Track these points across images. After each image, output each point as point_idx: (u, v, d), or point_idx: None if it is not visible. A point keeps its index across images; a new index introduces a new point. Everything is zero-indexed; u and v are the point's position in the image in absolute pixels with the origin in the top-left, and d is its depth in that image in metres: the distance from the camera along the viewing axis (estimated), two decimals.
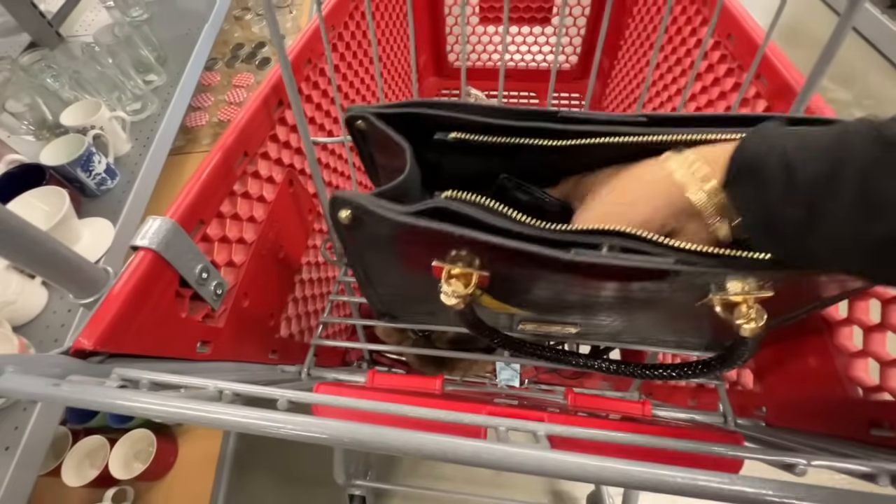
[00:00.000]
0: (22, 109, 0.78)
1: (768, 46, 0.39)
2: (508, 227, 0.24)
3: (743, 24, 0.45)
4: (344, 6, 0.55)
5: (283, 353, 0.47)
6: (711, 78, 0.51)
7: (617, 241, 0.24)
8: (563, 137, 0.26)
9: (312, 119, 0.50)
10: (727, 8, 0.46)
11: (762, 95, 0.42)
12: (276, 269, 0.45)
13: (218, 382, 0.23)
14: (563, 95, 0.98)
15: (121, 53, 0.87)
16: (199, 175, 0.34)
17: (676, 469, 0.16)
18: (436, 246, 0.26)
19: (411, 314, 0.40)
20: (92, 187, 0.75)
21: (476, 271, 0.26)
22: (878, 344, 0.30)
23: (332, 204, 0.25)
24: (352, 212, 0.25)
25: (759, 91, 0.42)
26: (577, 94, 0.98)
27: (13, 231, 0.33)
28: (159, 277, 0.30)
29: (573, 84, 0.97)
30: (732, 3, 0.47)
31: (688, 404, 0.48)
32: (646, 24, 0.72)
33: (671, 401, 0.59)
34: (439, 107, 0.28)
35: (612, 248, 0.24)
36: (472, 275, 0.26)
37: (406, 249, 0.28)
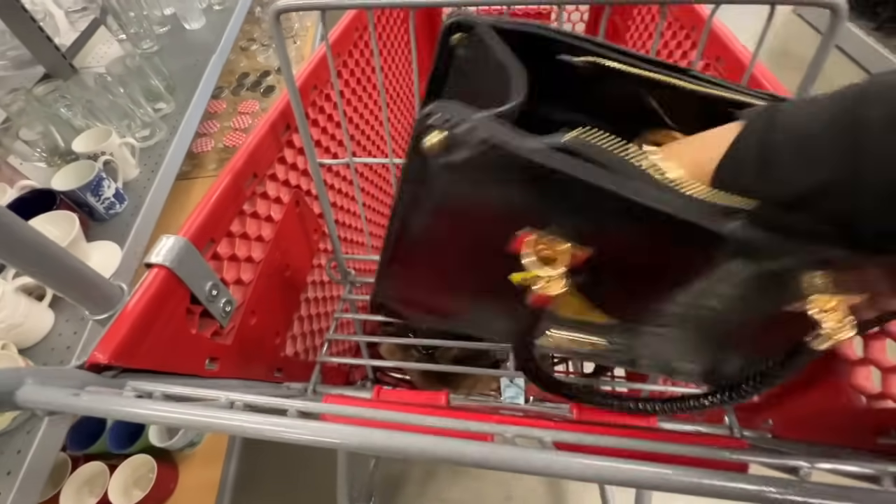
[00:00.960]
0: (35, 137, 0.81)
1: (756, 67, 0.41)
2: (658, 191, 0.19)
3: (730, 47, 0.47)
4: (349, 35, 0.58)
5: (288, 371, 0.47)
6: None
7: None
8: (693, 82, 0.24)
9: (318, 142, 0.52)
10: (714, 32, 0.49)
11: None
12: (282, 287, 0.46)
13: (229, 394, 0.23)
14: None
15: (132, 83, 0.90)
16: (211, 195, 0.35)
17: (681, 468, 0.16)
18: (534, 205, 0.20)
19: (424, 313, 0.35)
20: (101, 211, 0.76)
21: (576, 248, 0.20)
22: (879, 351, 0.31)
23: (423, 116, 0.19)
24: (449, 138, 0.19)
25: None
26: None
27: (37, 248, 0.35)
28: (171, 294, 0.30)
29: None
30: (720, 28, 0.49)
31: (694, 419, 0.48)
32: (638, 47, 0.75)
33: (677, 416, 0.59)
34: (558, 32, 0.24)
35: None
36: (567, 254, 0.20)
37: (489, 201, 0.22)
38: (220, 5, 1.31)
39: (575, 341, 0.33)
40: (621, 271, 0.23)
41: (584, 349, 0.34)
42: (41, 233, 0.36)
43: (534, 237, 0.21)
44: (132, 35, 1.13)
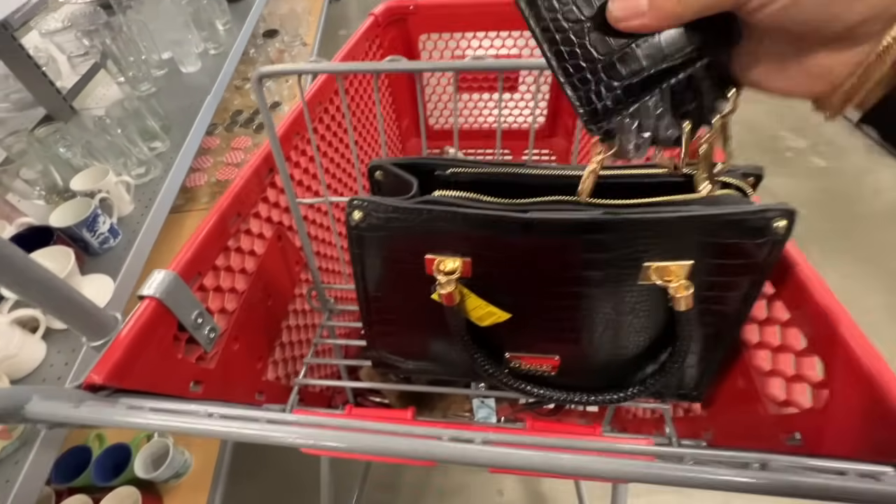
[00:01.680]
0: (35, 176, 0.85)
1: None
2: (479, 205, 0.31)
3: None
4: (330, 84, 0.64)
5: (269, 394, 0.50)
6: None
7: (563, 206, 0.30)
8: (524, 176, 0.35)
9: (300, 182, 0.57)
10: None
11: None
12: (264, 315, 0.50)
13: (209, 407, 0.27)
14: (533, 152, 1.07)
15: (129, 124, 0.95)
16: (198, 234, 0.39)
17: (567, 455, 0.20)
18: (429, 238, 0.32)
19: (416, 360, 0.44)
20: (95, 246, 0.80)
21: (460, 258, 0.32)
22: (784, 363, 0.35)
23: (350, 205, 0.32)
24: (363, 211, 0.32)
25: None
26: (546, 149, 1.07)
27: (43, 281, 0.39)
28: (160, 322, 0.34)
29: (543, 141, 1.07)
30: None
31: (638, 430, 0.52)
32: None
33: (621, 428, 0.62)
34: (433, 159, 0.37)
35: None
36: (458, 264, 0.32)
37: (404, 245, 0.34)
38: (216, 50, 1.39)
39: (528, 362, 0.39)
40: (499, 274, 0.34)
41: (546, 367, 0.40)
42: (43, 266, 0.40)
43: (435, 259, 0.33)
44: (131, 78, 1.19)
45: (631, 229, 0.29)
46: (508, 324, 0.37)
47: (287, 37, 1.92)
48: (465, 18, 0.90)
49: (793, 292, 0.34)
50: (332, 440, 0.22)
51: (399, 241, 0.33)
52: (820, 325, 0.31)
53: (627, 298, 0.34)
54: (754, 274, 0.32)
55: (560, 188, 0.34)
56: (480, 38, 0.91)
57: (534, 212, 0.30)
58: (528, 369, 0.41)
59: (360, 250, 0.35)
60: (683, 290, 0.30)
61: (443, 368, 0.45)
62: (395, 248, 0.34)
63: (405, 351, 0.43)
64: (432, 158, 0.35)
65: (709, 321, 0.36)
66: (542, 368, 0.41)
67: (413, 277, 0.35)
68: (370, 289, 0.37)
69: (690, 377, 0.41)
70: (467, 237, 0.31)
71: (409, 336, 0.41)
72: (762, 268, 0.32)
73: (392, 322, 0.40)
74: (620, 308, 0.35)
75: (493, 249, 0.32)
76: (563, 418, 0.71)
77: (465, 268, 0.33)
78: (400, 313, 0.39)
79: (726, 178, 0.33)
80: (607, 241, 0.30)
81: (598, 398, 0.39)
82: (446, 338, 0.40)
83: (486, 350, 0.39)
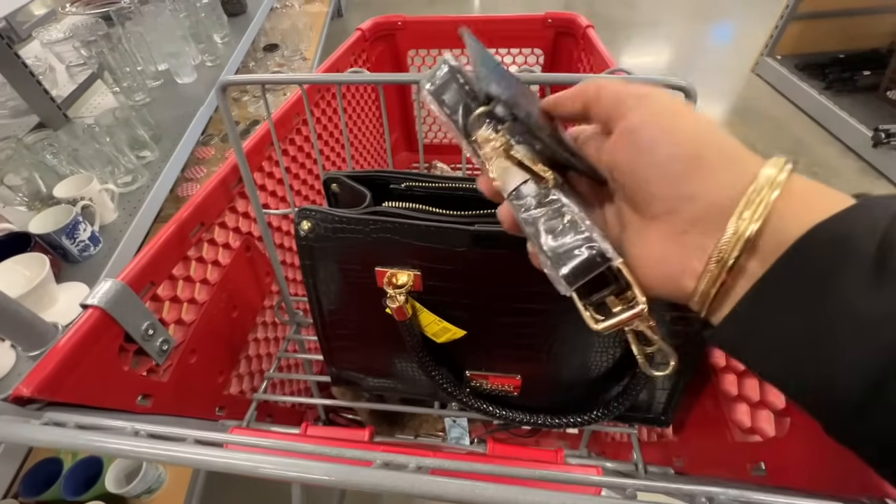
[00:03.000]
0: (19, 182, 0.85)
1: None
2: (426, 217, 0.30)
3: None
4: (310, 95, 0.64)
5: (231, 409, 0.49)
6: None
7: None
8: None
9: (274, 192, 0.56)
10: None
11: None
12: (228, 327, 0.49)
13: (135, 424, 0.26)
14: None
15: (119, 133, 0.96)
16: (154, 243, 0.38)
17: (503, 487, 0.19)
18: (378, 251, 0.32)
19: (375, 377, 0.43)
20: (74, 253, 0.79)
21: (410, 271, 0.32)
22: (751, 388, 0.34)
23: (298, 215, 0.32)
24: (312, 221, 0.32)
25: None
26: None
27: None
28: (104, 333, 0.33)
29: None
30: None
31: (603, 455, 0.50)
32: None
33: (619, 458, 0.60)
34: (389, 171, 0.36)
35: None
36: (409, 277, 0.32)
37: (355, 258, 0.33)
38: (213, 62, 1.41)
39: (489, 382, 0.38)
40: (451, 289, 0.33)
41: (508, 386, 0.38)
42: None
43: (386, 272, 0.32)
44: (125, 88, 1.20)
45: None
46: (466, 341, 0.36)
47: (287, 51, 1.95)
48: (453, 35, 0.91)
49: None
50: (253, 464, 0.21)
51: (349, 252, 0.32)
52: None
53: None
54: None
55: None
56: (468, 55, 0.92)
57: (481, 224, 0.29)
58: (489, 389, 0.40)
59: (310, 262, 0.34)
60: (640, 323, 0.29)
61: (405, 386, 0.43)
62: (345, 260, 0.33)
63: (365, 367, 0.42)
64: (388, 171, 0.35)
65: (672, 343, 0.35)
66: (504, 388, 0.39)
67: (366, 291, 0.34)
68: (324, 302, 0.36)
69: (658, 401, 0.39)
70: (416, 250, 0.31)
71: (368, 352, 0.40)
72: None
73: (349, 337, 0.39)
74: (578, 326, 0.33)
75: (443, 262, 0.31)
76: (542, 439, 0.69)
77: (416, 281, 0.32)
78: (356, 328, 0.38)
79: None
80: None
81: (560, 421, 0.38)
82: (405, 354, 0.39)
83: (445, 368, 0.38)
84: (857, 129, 1.59)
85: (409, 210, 0.31)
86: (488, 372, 0.38)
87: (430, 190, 0.34)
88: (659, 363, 0.24)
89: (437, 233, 0.29)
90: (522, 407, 0.39)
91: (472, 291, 0.32)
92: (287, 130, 0.58)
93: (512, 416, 0.39)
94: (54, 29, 1.51)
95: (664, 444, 0.46)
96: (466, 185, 0.34)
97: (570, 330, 0.34)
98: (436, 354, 0.37)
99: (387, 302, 0.32)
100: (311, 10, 2.42)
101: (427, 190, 0.34)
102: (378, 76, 0.37)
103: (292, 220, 0.62)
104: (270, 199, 0.55)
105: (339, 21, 2.79)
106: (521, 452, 0.40)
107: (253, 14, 1.68)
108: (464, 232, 0.29)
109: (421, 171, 0.42)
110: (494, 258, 0.30)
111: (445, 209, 0.32)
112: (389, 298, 0.32)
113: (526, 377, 0.38)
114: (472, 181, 0.35)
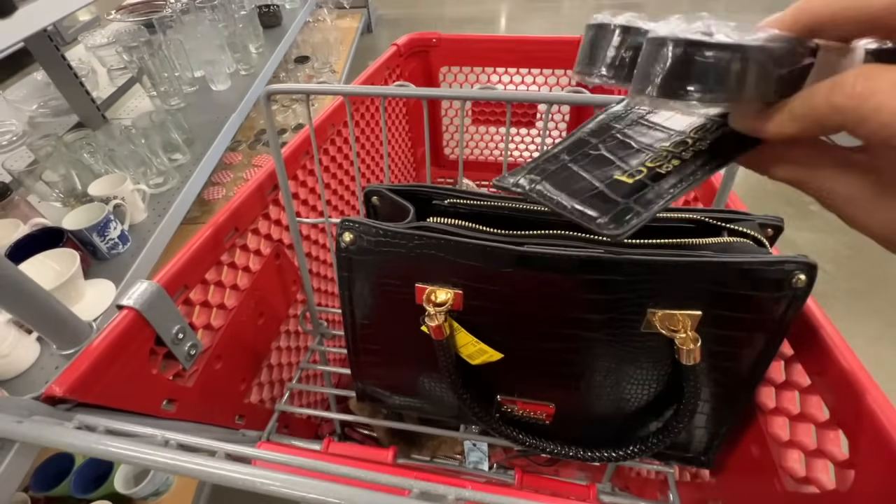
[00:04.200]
0: (56, 179, 0.87)
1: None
2: (472, 234, 0.30)
3: None
4: (344, 107, 0.64)
5: (251, 418, 0.48)
6: None
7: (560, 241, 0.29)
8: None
9: (306, 201, 0.56)
10: None
11: (699, 198, 0.47)
12: (253, 334, 0.48)
13: (166, 433, 0.25)
14: None
15: (153, 136, 0.98)
16: (190, 246, 0.38)
17: None
18: (420, 266, 0.31)
19: (402, 395, 0.42)
20: (104, 251, 0.81)
21: (452, 289, 0.31)
22: (805, 434, 0.32)
23: (340, 226, 0.31)
24: (354, 233, 0.31)
25: (696, 194, 0.48)
26: None
27: (11, 281, 0.38)
28: (137, 335, 0.33)
29: None
30: None
31: (639, 494, 0.48)
32: None
33: (644, 495, 0.57)
34: (432, 187, 0.35)
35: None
36: (449, 295, 0.31)
37: (395, 272, 0.32)
38: (247, 71, 1.44)
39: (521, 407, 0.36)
40: (492, 310, 0.32)
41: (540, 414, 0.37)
42: (16, 267, 0.39)
43: (426, 288, 0.32)
44: (162, 93, 1.24)
45: (633, 271, 0.27)
46: (501, 364, 0.34)
47: (317, 63, 1.99)
48: (486, 53, 0.91)
49: (814, 355, 0.31)
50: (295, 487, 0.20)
51: (389, 267, 0.32)
52: (843, 394, 0.28)
53: (629, 347, 0.31)
54: (770, 331, 0.29)
55: (564, 225, 0.32)
56: (500, 74, 0.92)
57: (530, 245, 0.28)
58: (520, 415, 0.38)
59: (348, 273, 0.33)
60: (690, 343, 0.28)
61: (431, 407, 0.42)
62: (384, 275, 0.32)
63: (392, 384, 0.41)
64: (431, 186, 0.34)
65: (719, 379, 0.33)
66: (536, 416, 0.38)
67: (402, 307, 0.33)
68: (357, 315, 0.36)
69: (699, 440, 0.37)
70: (459, 268, 0.30)
71: (397, 369, 0.39)
72: (779, 325, 0.29)
73: (379, 353, 0.38)
74: (622, 356, 0.32)
75: (487, 282, 0.30)
76: (562, 469, 0.67)
77: (457, 300, 0.31)
78: (387, 344, 0.37)
79: (742, 226, 0.31)
80: (608, 281, 0.28)
81: (594, 454, 0.36)
82: (435, 374, 0.38)
83: (477, 391, 0.36)
84: None
85: (453, 226, 0.30)
86: (521, 397, 0.37)
87: (474, 208, 0.33)
88: None
89: (484, 251, 0.29)
90: (554, 436, 0.37)
91: (514, 314, 0.31)
92: (321, 141, 0.59)
93: (543, 445, 0.37)
94: (98, 34, 1.57)
95: (699, 485, 0.43)
96: (511, 203, 0.33)
97: (612, 360, 0.33)
98: (468, 376, 0.35)
99: (425, 320, 0.31)
100: (342, 25, 2.48)
101: (471, 208, 0.33)
102: (422, 90, 0.36)
103: (321, 229, 0.62)
104: (301, 207, 0.55)
105: (369, 37, 2.85)
106: (552, 485, 0.38)
107: (287, 27, 1.72)
108: (512, 251, 0.28)
109: (448, 185, 0.41)
110: (541, 280, 0.29)
111: (492, 227, 0.31)
112: (428, 316, 0.31)
113: (560, 406, 0.36)
114: (512, 200, 0.34)
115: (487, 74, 0.94)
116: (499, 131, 1.01)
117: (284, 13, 1.80)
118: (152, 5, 1.72)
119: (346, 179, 0.67)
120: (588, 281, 0.28)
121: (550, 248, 0.28)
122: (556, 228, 0.31)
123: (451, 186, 0.35)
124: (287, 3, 1.95)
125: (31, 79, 1.34)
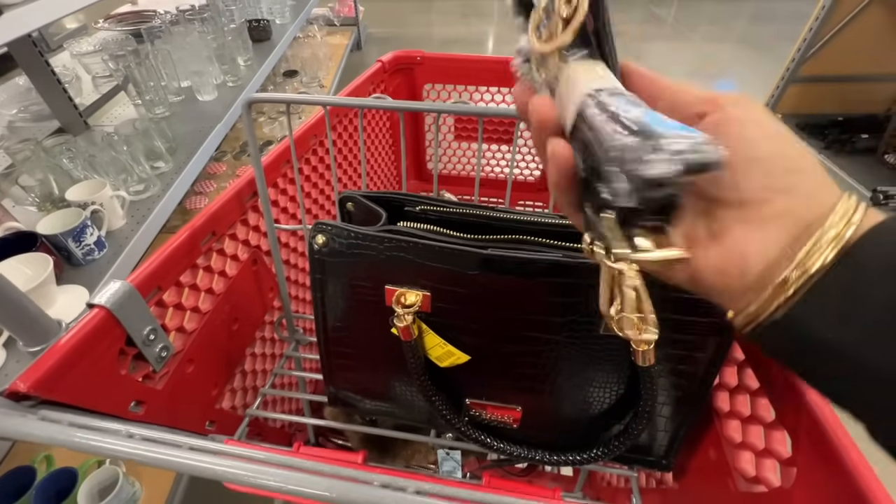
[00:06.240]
0: (33, 184, 0.86)
1: None
2: (439, 238, 0.31)
3: None
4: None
5: (221, 423, 0.48)
6: None
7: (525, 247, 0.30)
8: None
9: (285, 209, 0.57)
10: None
11: None
12: (227, 339, 0.48)
13: (130, 427, 0.25)
14: (527, 203, 1.09)
15: (136, 143, 0.98)
16: (166, 248, 0.39)
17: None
18: (390, 269, 0.32)
19: (373, 399, 0.42)
20: (78, 257, 0.79)
21: (420, 291, 0.32)
22: (755, 435, 0.33)
23: (313, 229, 0.32)
24: (326, 236, 0.32)
25: None
26: (540, 202, 1.09)
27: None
28: (107, 334, 0.33)
29: (537, 194, 1.09)
30: None
31: (600, 499, 0.48)
32: None
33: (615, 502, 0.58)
34: (405, 194, 0.37)
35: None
36: (418, 297, 0.32)
37: (365, 275, 0.34)
38: (234, 83, 1.45)
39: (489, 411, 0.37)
40: (458, 312, 0.33)
41: (507, 418, 0.38)
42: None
43: (396, 290, 0.32)
44: (147, 101, 1.24)
45: (590, 274, 0.29)
46: (469, 367, 0.35)
47: (306, 78, 2.02)
48: (469, 72, 0.94)
49: (760, 358, 0.32)
50: (252, 474, 0.21)
51: (360, 269, 0.33)
52: (787, 394, 0.29)
53: (590, 350, 0.33)
54: (719, 335, 0.31)
55: (529, 231, 0.33)
56: (482, 92, 0.95)
57: (493, 248, 0.29)
58: (489, 419, 0.39)
59: (321, 275, 0.34)
60: (644, 345, 0.29)
61: (402, 411, 0.42)
62: (356, 277, 0.33)
63: (363, 389, 0.41)
64: (404, 194, 0.35)
65: (676, 382, 0.34)
66: (504, 419, 0.39)
67: (373, 309, 0.34)
68: (329, 318, 0.36)
69: (659, 443, 0.39)
70: (427, 270, 0.31)
71: (368, 373, 0.40)
72: (728, 329, 0.31)
73: (350, 356, 0.39)
74: (583, 360, 0.33)
75: (453, 284, 0.31)
76: (535, 480, 0.67)
77: (425, 302, 0.32)
78: (359, 347, 0.38)
79: None
80: (567, 285, 0.29)
81: (559, 458, 0.37)
82: (405, 378, 0.38)
83: (445, 394, 0.37)
84: (855, 189, 1.63)
85: (424, 231, 0.32)
86: (488, 401, 0.38)
87: (443, 214, 0.34)
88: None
89: (449, 254, 0.30)
90: (521, 441, 0.38)
91: (480, 316, 0.32)
92: (303, 150, 0.60)
93: (510, 449, 0.38)
94: (85, 42, 1.57)
95: (664, 491, 0.44)
96: (479, 211, 0.34)
97: (575, 363, 0.34)
98: (437, 379, 0.36)
99: (393, 321, 0.32)
100: (332, 41, 2.52)
101: (441, 214, 0.34)
102: (399, 103, 0.38)
103: (300, 237, 0.63)
104: (281, 215, 0.56)
105: (358, 54, 2.90)
106: (518, 486, 0.39)
107: (277, 41, 1.75)
108: (476, 255, 0.29)
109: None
110: (505, 284, 0.30)
111: (459, 233, 0.32)
112: (397, 317, 0.31)
113: (526, 409, 0.37)
114: (485, 208, 0.36)
115: (470, 93, 0.97)
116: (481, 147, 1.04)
117: (274, 28, 1.83)
118: (141, 15, 1.73)
119: (328, 189, 0.68)
120: (549, 284, 0.30)
121: (512, 251, 0.29)
122: (521, 234, 0.32)
123: (424, 195, 0.36)
124: (278, 18, 1.98)
125: (13, 83, 1.33)
